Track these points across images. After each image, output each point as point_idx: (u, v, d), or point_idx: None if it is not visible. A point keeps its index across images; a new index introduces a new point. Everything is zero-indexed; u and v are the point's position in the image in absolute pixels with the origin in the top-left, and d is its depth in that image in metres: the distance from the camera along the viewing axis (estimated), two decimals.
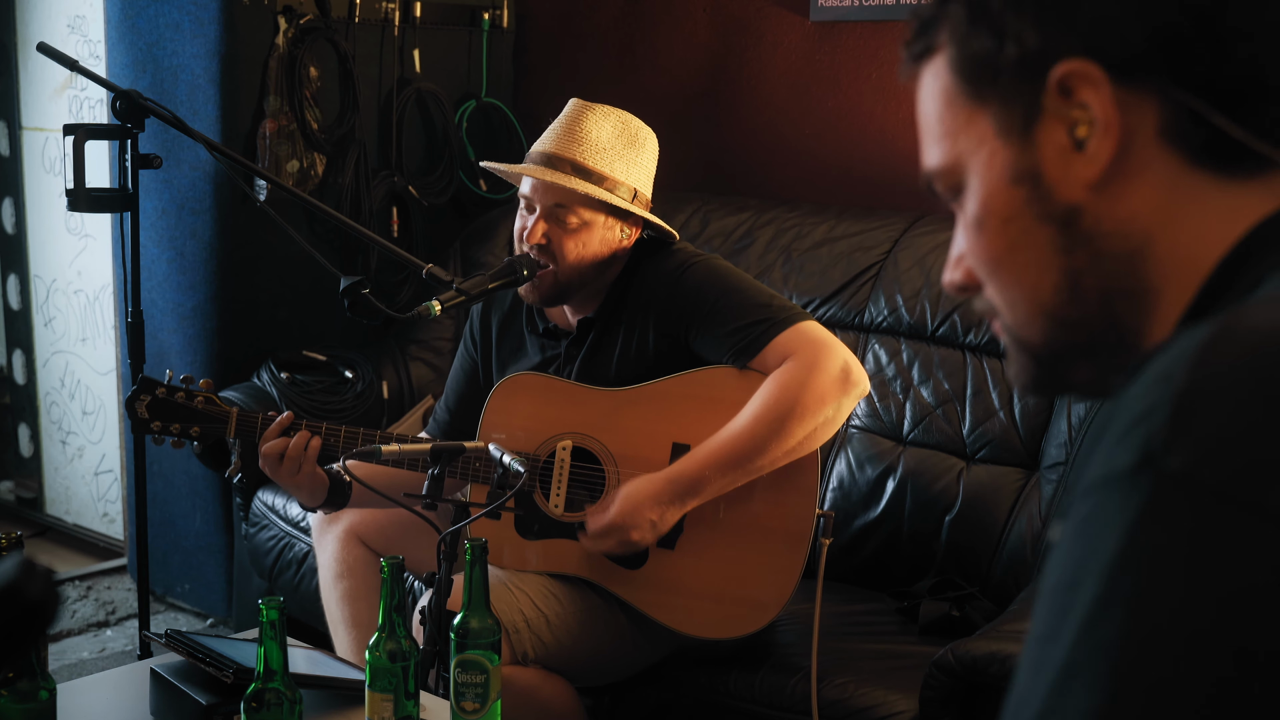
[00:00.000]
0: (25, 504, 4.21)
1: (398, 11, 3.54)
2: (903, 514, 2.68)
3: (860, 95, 3.25)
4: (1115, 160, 0.75)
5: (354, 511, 2.47)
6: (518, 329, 2.50)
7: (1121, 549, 0.60)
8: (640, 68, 3.63)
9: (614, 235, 2.35)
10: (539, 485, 2.33)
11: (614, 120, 2.34)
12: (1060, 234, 0.77)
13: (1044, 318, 0.80)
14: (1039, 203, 0.77)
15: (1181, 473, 0.60)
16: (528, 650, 2.23)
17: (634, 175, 2.34)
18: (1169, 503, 0.60)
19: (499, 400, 2.38)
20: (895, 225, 2.94)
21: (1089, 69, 0.74)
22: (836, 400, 2.19)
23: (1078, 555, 0.63)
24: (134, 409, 2.29)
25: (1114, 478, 0.62)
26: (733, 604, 2.27)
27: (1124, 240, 0.76)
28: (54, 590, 0.78)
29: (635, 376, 2.34)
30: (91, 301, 3.87)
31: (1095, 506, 0.63)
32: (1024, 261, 0.79)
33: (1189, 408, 0.62)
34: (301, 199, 2.76)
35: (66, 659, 3.37)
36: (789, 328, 2.23)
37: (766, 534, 2.27)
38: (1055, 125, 0.76)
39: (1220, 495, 0.59)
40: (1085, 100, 0.74)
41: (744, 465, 2.19)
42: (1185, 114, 0.73)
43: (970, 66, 0.79)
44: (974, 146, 0.80)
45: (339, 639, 2.48)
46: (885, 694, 2.21)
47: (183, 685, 1.87)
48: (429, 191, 3.62)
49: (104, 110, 3.58)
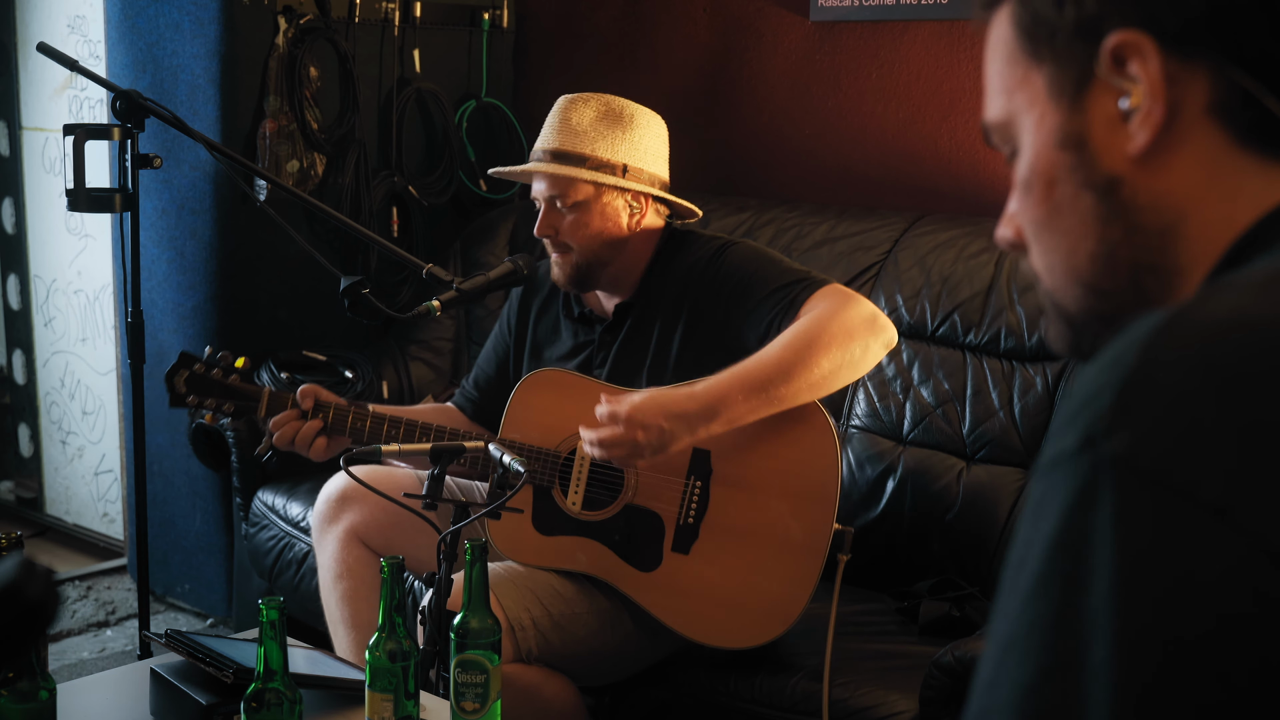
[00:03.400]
0: (25, 504, 4.21)
1: (398, 11, 3.54)
2: (903, 514, 2.68)
3: (860, 95, 3.24)
4: (1160, 134, 0.74)
5: (355, 512, 2.47)
6: (554, 314, 2.54)
7: (1060, 529, 0.62)
8: (640, 68, 3.63)
9: (617, 212, 2.38)
10: (558, 482, 2.34)
11: (595, 104, 2.39)
12: (1100, 203, 0.77)
13: (1079, 285, 0.80)
14: (1083, 170, 0.77)
15: (1118, 456, 0.61)
16: (532, 648, 2.23)
17: (621, 151, 2.36)
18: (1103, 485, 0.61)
19: (523, 395, 2.40)
20: (895, 225, 2.95)
21: (1141, 41, 0.73)
22: (864, 339, 2.20)
23: (1027, 534, 0.64)
24: (172, 383, 2.38)
25: (1059, 459, 0.63)
26: (744, 613, 2.26)
27: (1158, 215, 0.75)
28: (54, 590, 0.78)
29: (670, 365, 2.35)
30: (91, 301, 3.87)
31: (1044, 487, 0.64)
32: (1065, 227, 0.79)
33: (1132, 392, 0.62)
34: (301, 199, 2.76)
35: (66, 659, 3.37)
36: (824, 286, 2.28)
37: (783, 545, 2.25)
38: (1105, 93, 0.76)
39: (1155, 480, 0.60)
40: (1135, 73, 0.74)
41: (768, 390, 2.17)
42: (1237, 91, 0.72)
43: (1030, 23, 0.79)
44: (1027, 105, 0.80)
45: (338, 639, 2.48)
46: (885, 694, 2.21)
47: (183, 685, 1.87)
48: (429, 191, 3.62)
49: (104, 110, 3.58)
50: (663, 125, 2.45)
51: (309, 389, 2.37)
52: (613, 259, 2.40)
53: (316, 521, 2.53)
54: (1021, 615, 0.62)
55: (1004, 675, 0.62)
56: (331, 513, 2.49)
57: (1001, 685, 0.62)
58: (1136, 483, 0.60)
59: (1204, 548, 0.58)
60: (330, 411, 2.35)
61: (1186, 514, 0.59)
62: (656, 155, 2.42)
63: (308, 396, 2.36)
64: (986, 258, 2.75)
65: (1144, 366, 0.63)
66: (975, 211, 2.95)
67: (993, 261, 2.74)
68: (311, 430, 2.34)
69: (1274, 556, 0.57)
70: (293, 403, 2.36)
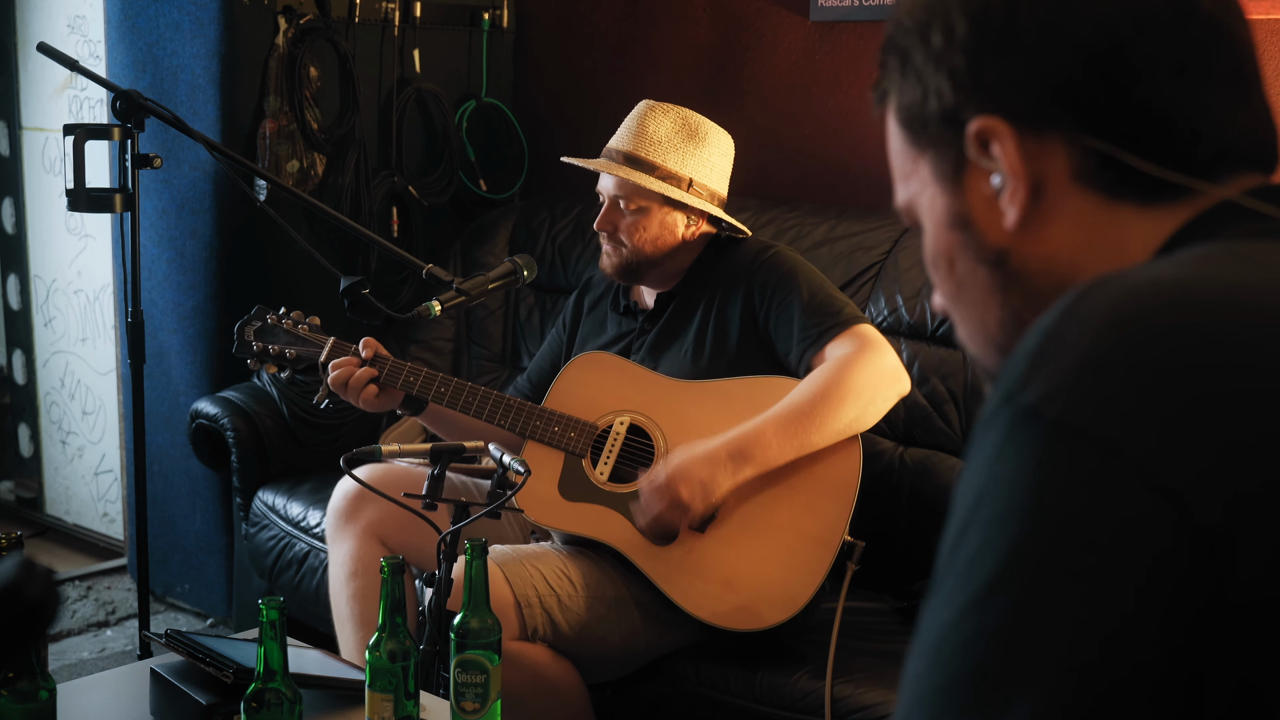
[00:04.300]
0: (25, 504, 4.21)
1: (398, 11, 3.54)
2: (903, 514, 2.68)
3: (860, 95, 3.24)
4: (1030, 206, 0.78)
5: (374, 510, 2.49)
6: (603, 310, 2.68)
7: (983, 481, 0.66)
8: (640, 68, 3.63)
9: (675, 223, 2.51)
10: (590, 454, 2.44)
11: (674, 115, 2.51)
12: (995, 274, 0.81)
13: (995, 350, 0.84)
14: (973, 246, 0.82)
15: (1028, 407, 0.65)
16: (538, 626, 2.25)
17: (690, 166, 2.48)
18: (1016, 434, 0.65)
19: (573, 370, 2.54)
20: (895, 225, 2.94)
21: (996, 125, 0.78)
22: (885, 391, 2.33)
23: (958, 493, 0.68)
24: (244, 332, 2.52)
25: (984, 418, 0.68)
26: (751, 597, 2.29)
27: (1050, 277, 0.79)
28: (54, 590, 0.78)
29: (708, 355, 2.45)
30: (91, 301, 3.87)
31: (972, 448, 0.68)
32: (971, 299, 0.84)
33: (1047, 348, 0.67)
34: (301, 199, 2.76)
35: (66, 659, 3.37)
36: (853, 326, 2.37)
37: (797, 536, 2.30)
38: (979, 174, 0.80)
39: (1059, 425, 0.64)
40: (996, 155, 0.78)
41: (799, 436, 2.28)
42: (1094, 156, 0.77)
43: (906, 116, 0.84)
44: (920, 189, 0.85)
45: (345, 637, 2.48)
46: (885, 694, 2.21)
47: (183, 685, 1.87)
48: (429, 191, 3.62)
49: (104, 110, 3.58)
50: (731, 144, 2.58)
51: (371, 340, 2.50)
52: (662, 262, 2.53)
53: (333, 519, 2.54)
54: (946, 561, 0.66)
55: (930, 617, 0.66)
56: (350, 509, 2.50)
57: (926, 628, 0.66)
58: (1044, 428, 0.64)
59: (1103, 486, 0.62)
60: (388, 364, 2.46)
61: (1086, 455, 0.63)
62: (722, 173, 2.55)
63: (369, 346, 2.48)
64: None
65: (1059, 326, 0.67)
66: None
67: None
68: (365, 376, 2.44)
69: (1167, 492, 0.61)
70: (354, 351, 2.48)
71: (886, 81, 0.85)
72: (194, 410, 3.21)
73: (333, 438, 3.26)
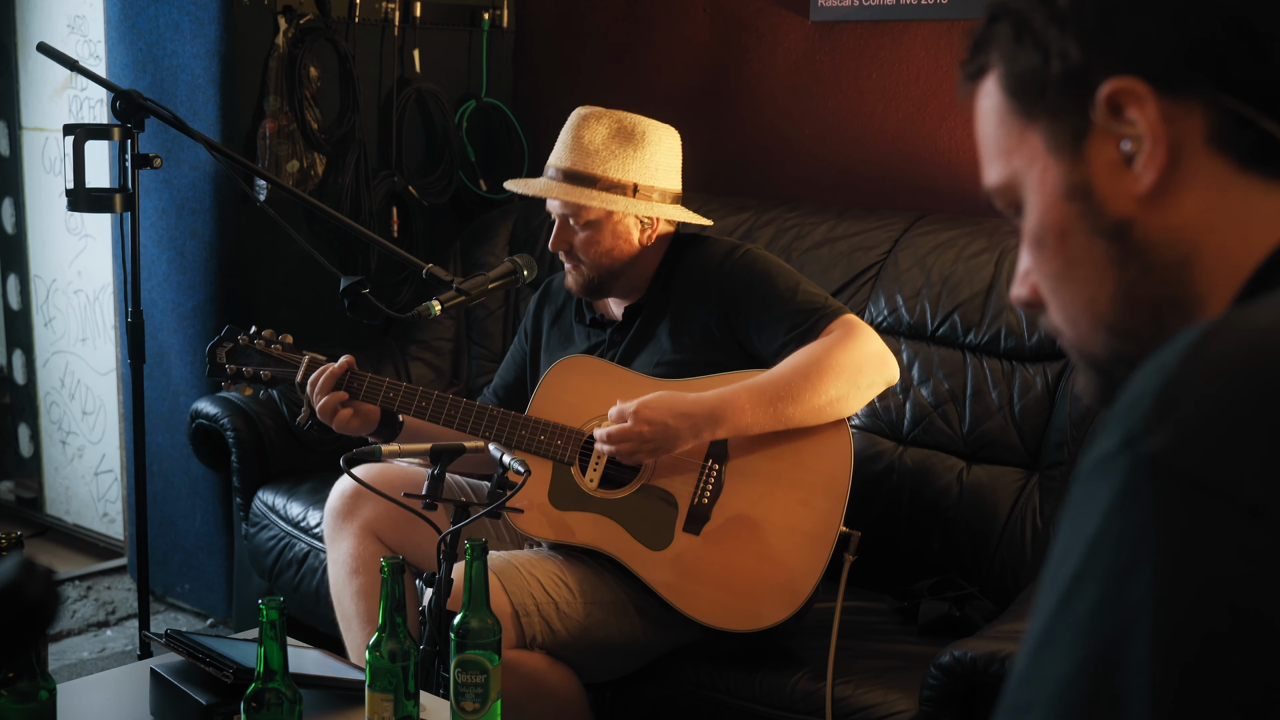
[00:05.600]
0: (25, 504, 4.21)
1: (398, 11, 3.54)
2: (903, 514, 2.68)
3: (860, 95, 3.24)
4: (1165, 173, 0.75)
5: (372, 508, 2.48)
6: (568, 321, 2.63)
7: (1099, 529, 0.63)
8: (640, 68, 3.63)
9: (629, 230, 2.46)
10: (578, 460, 2.41)
11: (608, 121, 2.44)
12: (1113, 246, 0.78)
13: (1104, 330, 0.81)
14: (1091, 217, 0.78)
15: (1154, 456, 0.62)
16: (536, 634, 2.25)
17: (632, 170, 2.42)
18: (1141, 485, 0.62)
19: (554, 377, 2.49)
20: (895, 225, 2.95)
21: (1136, 86, 0.75)
22: (870, 374, 2.31)
23: (1067, 534, 0.65)
24: (214, 354, 2.49)
25: (1100, 460, 0.64)
26: (748, 597, 2.29)
27: (1172, 250, 0.76)
28: (54, 590, 0.78)
29: (682, 361, 2.41)
30: (91, 301, 3.87)
31: (1084, 490, 0.65)
32: (1082, 276, 0.80)
33: (1173, 394, 0.63)
34: (301, 199, 2.76)
35: (66, 659, 3.37)
36: (840, 316, 2.35)
37: (792, 534, 2.30)
38: (1105, 141, 0.77)
39: (1191, 480, 0.61)
40: (1133, 117, 0.75)
41: (775, 406, 2.26)
42: (1232, 119, 0.74)
43: (1018, 84, 0.80)
44: (1027, 163, 0.81)
45: (350, 635, 2.48)
46: (885, 694, 2.21)
47: (183, 685, 1.87)
48: (429, 191, 3.62)
49: (104, 110, 3.58)
50: (675, 138, 2.51)
51: (349, 358, 2.46)
52: (624, 271, 2.48)
53: (331, 518, 2.54)
54: (1059, 612, 0.63)
55: (1041, 670, 0.63)
56: (347, 508, 2.49)
57: (1037, 680, 0.63)
58: (1174, 482, 0.61)
59: (1239, 547, 0.59)
60: (366, 380, 2.44)
61: (1222, 514, 0.60)
62: (668, 169, 2.48)
63: (344, 364, 2.44)
64: (986, 258, 2.75)
65: (1185, 370, 0.64)
66: (975, 212, 2.95)
67: (993, 261, 2.74)
68: (335, 401, 2.42)
69: None
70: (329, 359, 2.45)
71: (989, 53, 0.82)
72: (194, 410, 3.21)
73: (333, 437, 3.25)
